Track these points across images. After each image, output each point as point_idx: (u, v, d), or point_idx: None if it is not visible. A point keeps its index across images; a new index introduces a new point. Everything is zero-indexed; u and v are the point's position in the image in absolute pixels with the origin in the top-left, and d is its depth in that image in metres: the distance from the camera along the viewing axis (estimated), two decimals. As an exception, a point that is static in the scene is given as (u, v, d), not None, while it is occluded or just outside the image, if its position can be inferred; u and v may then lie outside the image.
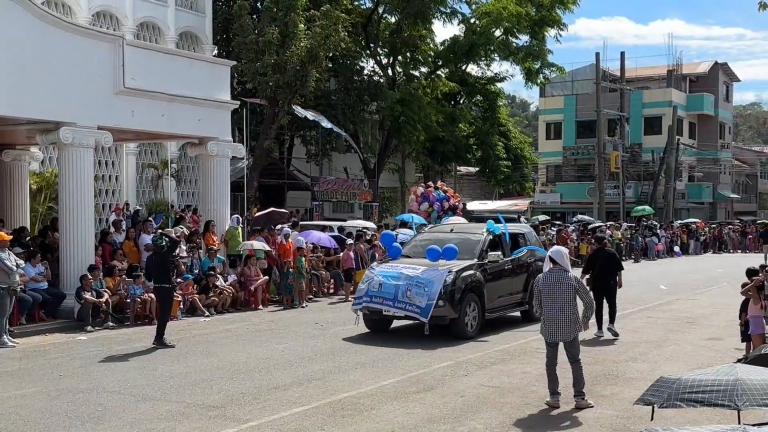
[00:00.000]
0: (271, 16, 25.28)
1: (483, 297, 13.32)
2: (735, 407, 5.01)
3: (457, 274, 12.87)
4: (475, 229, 14.96)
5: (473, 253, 13.73)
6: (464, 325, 12.87)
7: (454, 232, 14.79)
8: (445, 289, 12.59)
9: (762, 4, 10.29)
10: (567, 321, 8.67)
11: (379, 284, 12.91)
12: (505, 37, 39.43)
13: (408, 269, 13.02)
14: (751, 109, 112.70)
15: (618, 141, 48.13)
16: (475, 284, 13.18)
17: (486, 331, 13.44)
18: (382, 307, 12.81)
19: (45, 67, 14.04)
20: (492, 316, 13.78)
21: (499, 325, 14.15)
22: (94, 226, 15.96)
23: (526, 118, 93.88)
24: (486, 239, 14.14)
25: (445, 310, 12.59)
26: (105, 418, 8.14)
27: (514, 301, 14.63)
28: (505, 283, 14.27)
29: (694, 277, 25.80)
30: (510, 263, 14.49)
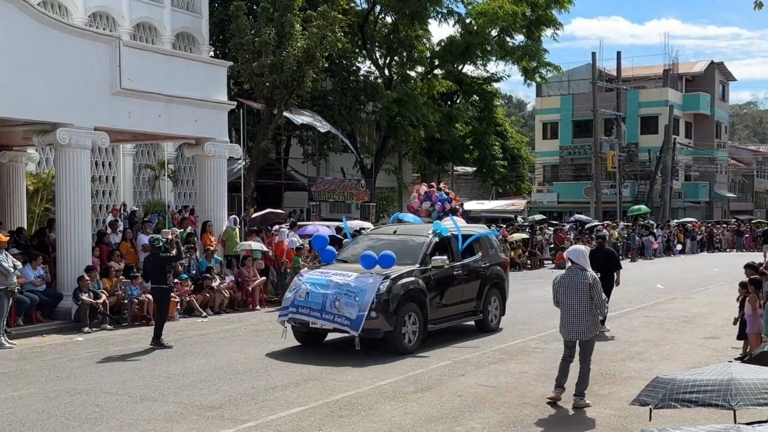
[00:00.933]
0: (268, 16, 25.28)
1: (425, 306, 11.98)
2: (729, 407, 5.02)
3: (393, 281, 11.51)
4: (421, 230, 13.37)
5: (415, 257, 12.35)
6: (401, 338, 11.51)
7: (397, 234, 13.32)
8: (379, 298, 11.25)
9: (758, 3, 10.32)
10: (584, 320, 8.68)
11: (306, 293, 11.65)
12: (501, 36, 39.49)
13: (338, 276, 11.71)
14: (747, 109, 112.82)
15: (614, 140, 48.21)
16: (415, 292, 11.82)
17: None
18: (309, 318, 11.55)
19: (41, 68, 14.03)
20: (437, 328, 12.43)
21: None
22: (91, 227, 15.94)
23: (522, 117, 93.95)
24: (430, 242, 12.70)
25: (379, 322, 11.26)
26: (103, 419, 8.13)
27: (465, 310, 13.28)
28: (454, 290, 12.89)
29: (690, 276, 25.84)
30: (460, 268, 13.10)
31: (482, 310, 13.56)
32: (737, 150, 68.96)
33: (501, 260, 14.63)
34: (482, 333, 13.45)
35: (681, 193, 53.62)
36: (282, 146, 34.18)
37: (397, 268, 11.81)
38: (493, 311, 13.86)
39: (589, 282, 8.70)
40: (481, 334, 13.34)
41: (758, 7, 10.33)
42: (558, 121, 54.67)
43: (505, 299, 14.42)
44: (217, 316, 16.07)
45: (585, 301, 8.66)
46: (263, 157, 27.98)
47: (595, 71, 44.92)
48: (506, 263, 15.27)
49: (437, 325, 12.45)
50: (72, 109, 14.59)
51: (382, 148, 37.87)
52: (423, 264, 12.28)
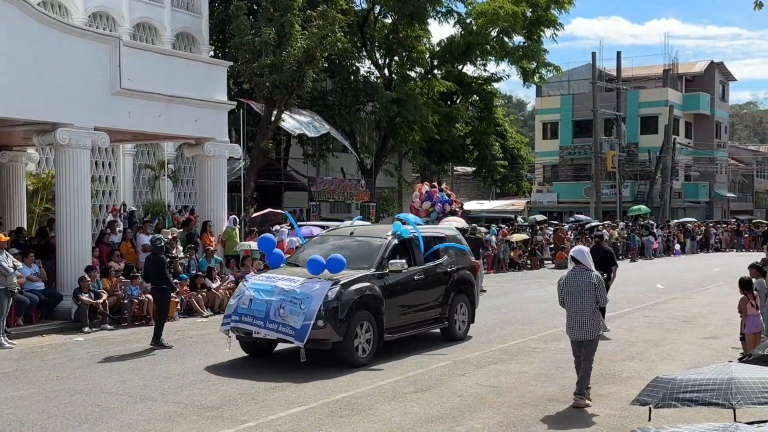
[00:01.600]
0: (268, 16, 25.28)
1: (380, 314, 11.05)
2: (729, 406, 5.03)
3: (344, 287, 10.62)
4: (379, 232, 12.47)
5: (371, 261, 11.47)
6: (352, 349, 10.59)
7: (354, 236, 12.43)
8: (327, 305, 10.34)
9: (758, 3, 10.31)
10: (589, 320, 8.81)
11: (249, 300, 10.75)
12: (500, 37, 39.50)
13: (284, 282, 10.80)
14: (747, 109, 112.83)
15: (614, 140, 48.22)
16: (369, 299, 10.91)
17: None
18: (252, 327, 10.62)
19: (41, 68, 14.03)
20: (394, 337, 11.50)
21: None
22: (91, 227, 15.95)
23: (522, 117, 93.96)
24: (388, 244, 11.79)
25: (326, 332, 10.35)
26: (103, 420, 8.13)
27: (428, 317, 12.35)
28: (415, 296, 12.00)
29: (690, 276, 25.84)
30: (422, 272, 12.16)
31: (447, 318, 12.61)
32: (737, 150, 68.97)
33: (470, 264, 13.66)
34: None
35: (681, 193, 53.63)
36: (282, 146, 34.18)
37: (349, 273, 10.94)
38: (460, 318, 12.96)
39: (594, 282, 8.82)
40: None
41: (758, 7, 10.33)
42: (558, 121, 54.68)
43: (474, 305, 13.55)
44: (218, 316, 16.07)
45: (590, 301, 8.79)
46: (263, 157, 27.98)
47: (595, 71, 44.93)
48: (476, 267, 14.36)
49: (395, 335, 11.52)
50: (72, 109, 14.59)
51: (382, 148, 37.88)
52: (379, 268, 11.37)
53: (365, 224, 15.19)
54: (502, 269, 27.10)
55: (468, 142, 44.02)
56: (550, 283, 22.73)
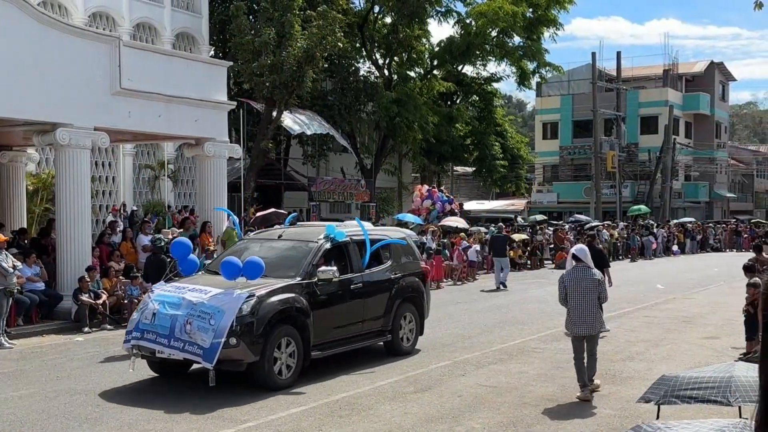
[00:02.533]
0: (268, 16, 25.29)
1: (307, 330, 9.82)
2: (727, 403, 5.07)
3: (261, 299, 9.36)
4: (310, 235, 11.17)
5: (298, 268, 10.22)
6: (270, 370, 9.32)
7: (282, 239, 11.25)
8: (240, 321, 9.08)
9: (758, 3, 10.31)
10: (591, 316, 9.06)
11: (152, 314, 9.46)
12: (500, 37, 39.51)
13: (193, 293, 9.53)
14: (747, 109, 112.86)
15: (614, 140, 48.21)
16: (292, 312, 9.68)
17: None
18: (155, 346, 9.31)
19: (41, 69, 14.03)
20: (325, 354, 10.25)
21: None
22: (91, 227, 15.95)
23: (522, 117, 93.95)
24: (319, 249, 10.55)
25: (240, 351, 9.07)
26: (102, 420, 8.13)
27: (367, 330, 11.10)
28: (351, 307, 10.76)
29: (690, 276, 25.84)
30: (360, 280, 10.91)
31: (391, 330, 11.36)
32: (737, 150, 68.96)
33: (418, 270, 12.34)
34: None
35: (681, 193, 53.62)
36: (282, 146, 34.19)
37: (271, 282, 9.76)
38: (406, 331, 11.72)
39: (597, 279, 9.12)
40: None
41: (758, 7, 10.32)
42: (558, 121, 54.68)
43: (423, 316, 12.22)
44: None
45: (592, 297, 9.05)
46: (263, 157, 27.99)
47: (595, 71, 44.93)
48: (426, 272, 13.09)
49: (326, 351, 10.26)
50: (72, 109, 14.59)
51: (382, 148, 37.89)
52: (307, 276, 10.10)
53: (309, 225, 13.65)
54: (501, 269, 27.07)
55: (468, 142, 44.04)
56: (550, 283, 22.74)
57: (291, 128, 28.80)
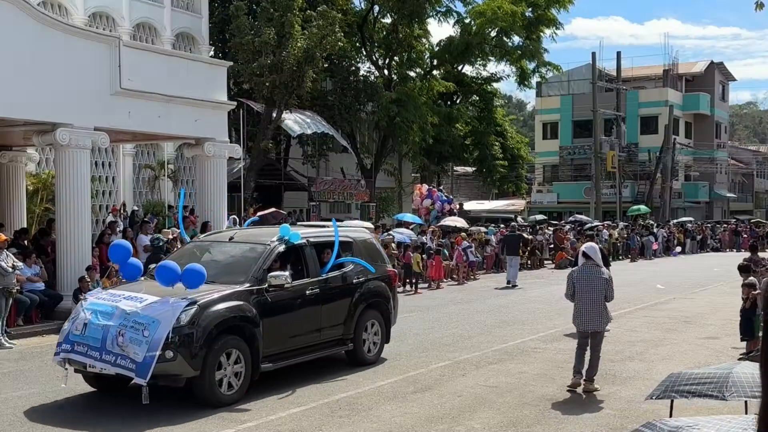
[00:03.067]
0: (268, 16, 25.30)
1: (255, 340, 9.02)
2: (722, 397, 5.15)
3: (202, 308, 8.57)
4: (262, 237, 10.40)
5: (247, 273, 9.46)
6: (213, 385, 8.53)
7: (233, 241, 10.51)
8: (178, 332, 8.30)
9: (759, 4, 10.29)
10: (597, 312, 9.30)
11: (83, 324, 8.65)
12: (500, 37, 39.54)
13: (128, 301, 8.72)
14: (747, 109, 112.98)
15: (614, 141, 48.21)
16: (238, 322, 8.91)
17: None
18: (86, 359, 8.51)
19: (41, 69, 14.03)
20: (277, 366, 9.48)
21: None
22: (91, 227, 15.95)
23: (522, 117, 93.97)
24: (270, 252, 9.78)
25: (177, 365, 8.29)
26: (102, 419, 8.13)
27: (326, 339, 10.32)
28: (307, 314, 9.99)
29: (690, 276, 25.83)
30: (316, 285, 10.14)
31: (353, 338, 10.62)
32: (737, 150, 68.98)
33: (384, 273, 11.54)
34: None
35: (681, 193, 53.64)
36: (282, 146, 34.20)
37: (215, 289, 9.02)
38: (370, 339, 10.99)
39: (605, 278, 9.34)
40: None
41: (759, 7, 10.30)
42: (558, 121, 54.69)
43: (389, 322, 11.45)
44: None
45: (599, 295, 9.28)
46: (263, 157, 28.00)
47: (594, 71, 44.93)
48: (393, 276, 12.08)
49: (278, 363, 9.50)
50: (72, 109, 14.59)
51: (382, 148, 37.90)
52: (257, 281, 9.34)
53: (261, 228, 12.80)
54: (502, 269, 27.10)
55: (468, 142, 44.05)
56: (549, 283, 22.76)
57: (291, 129, 28.81)
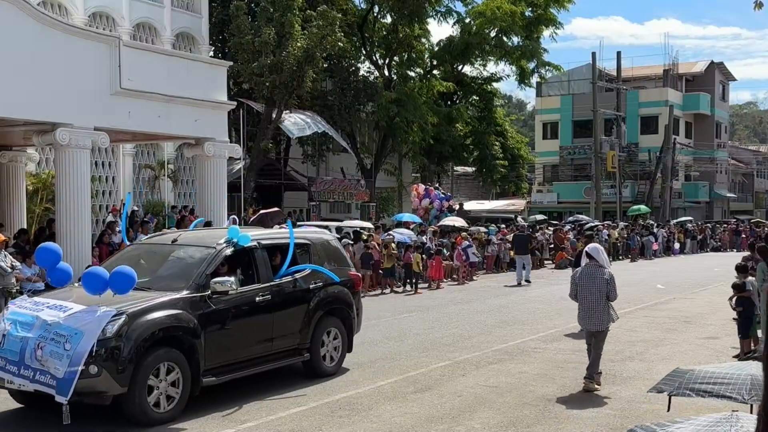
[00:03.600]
0: (268, 16, 25.31)
1: (195, 352, 8.30)
2: (743, 400, 5.08)
3: (132, 317, 7.85)
4: (209, 239, 9.64)
5: (187, 279, 8.71)
6: (144, 403, 7.84)
7: (176, 244, 9.67)
8: (104, 344, 7.61)
9: (758, 3, 10.29)
10: (599, 312, 9.49)
11: (2, 336, 7.96)
12: (499, 37, 39.55)
13: (51, 310, 7.97)
14: (747, 109, 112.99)
15: (614, 140, 48.21)
16: (174, 332, 8.19)
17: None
18: (4, 374, 7.83)
19: (41, 68, 14.03)
20: (220, 380, 8.70)
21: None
22: (90, 227, 15.95)
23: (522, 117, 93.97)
24: (216, 256, 9.05)
25: (102, 381, 7.61)
26: (102, 419, 8.13)
27: (278, 349, 9.56)
28: (257, 323, 9.26)
29: (690, 276, 25.83)
30: (268, 292, 9.37)
31: (309, 348, 9.87)
32: (737, 150, 68.99)
33: (346, 278, 10.75)
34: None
35: (681, 193, 53.64)
36: (282, 146, 34.21)
37: (150, 296, 8.35)
38: (329, 349, 10.26)
39: (606, 279, 9.48)
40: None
41: (758, 7, 10.30)
42: (558, 121, 54.70)
43: (351, 330, 10.71)
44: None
45: (600, 295, 9.46)
46: (263, 157, 28.00)
47: (595, 71, 44.94)
48: (356, 280, 11.24)
49: (223, 377, 8.75)
50: (72, 109, 14.58)
51: (382, 148, 37.91)
52: (199, 288, 8.59)
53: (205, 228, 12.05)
54: (502, 269, 27.12)
55: (468, 142, 44.06)
56: (549, 283, 22.77)
57: (290, 131, 28.81)
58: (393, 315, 16.07)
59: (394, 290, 20.82)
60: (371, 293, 20.11)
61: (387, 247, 20.96)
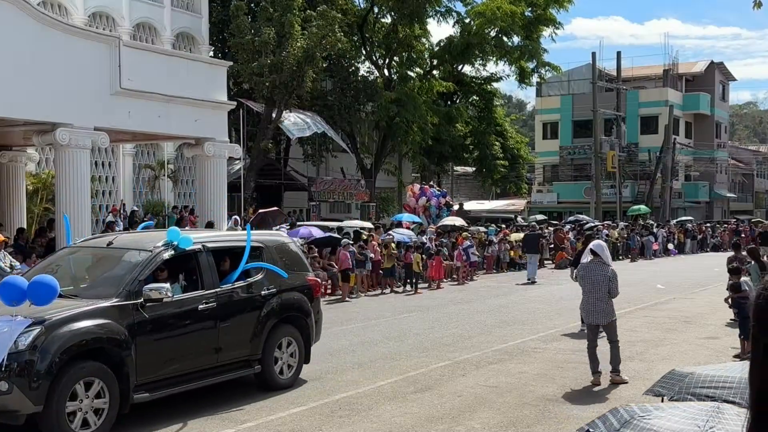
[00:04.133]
0: (268, 16, 25.33)
1: (125, 366, 7.59)
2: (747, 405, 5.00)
3: (49, 329, 7.16)
4: (146, 242, 8.82)
5: (119, 285, 7.95)
6: (63, 422, 7.12)
7: (111, 246, 8.90)
8: (15, 358, 6.99)
9: (757, 3, 10.29)
10: (602, 307, 9.77)
11: None
12: (499, 37, 39.58)
13: None
14: (747, 109, 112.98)
15: (614, 140, 48.23)
16: (100, 344, 7.52)
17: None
18: None
19: (41, 68, 14.03)
20: (154, 396, 7.97)
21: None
22: (91, 227, 15.95)
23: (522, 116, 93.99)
24: (151, 261, 8.29)
25: (14, 399, 6.96)
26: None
27: (226, 360, 8.83)
28: (200, 333, 8.52)
29: (690, 276, 25.82)
30: (213, 299, 8.63)
31: (261, 359, 9.15)
32: (737, 150, 69.00)
33: (303, 283, 10.04)
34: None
35: (681, 193, 53.65)
36: (282, 146, 34.22)
37: (72, 305, 7.61)
38: (285, 359, 9.53)
39: (608, 276, 9.77)
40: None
41: (757, 6, 10.30)
42: (558, 121, 54.71)
43: (309, 340, 9.97)
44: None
45: (603, 290, 9.75)
46: (263, 157, 28.01)
47: (595, 71, 44.94)
48: (315, 286, 10.39)
49: (158, 392, 8.01)
50: (72, 109, 14.59)
51: (382, 148, 37.92)
52: (130, 296, 7.83)
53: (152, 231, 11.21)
54: (502, 269, 27.13)
55: (468, 142, 44.08)
56: (549, 283, 22.78)
57: (290, 131, 28.81)
58: (393, 315, 16.06)
59: (394, 290, 20.82)
60: (371, 293, 20.12)
61: (387, 247, 20.97)
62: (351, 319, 14.00)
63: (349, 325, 13.85)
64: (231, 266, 9.28)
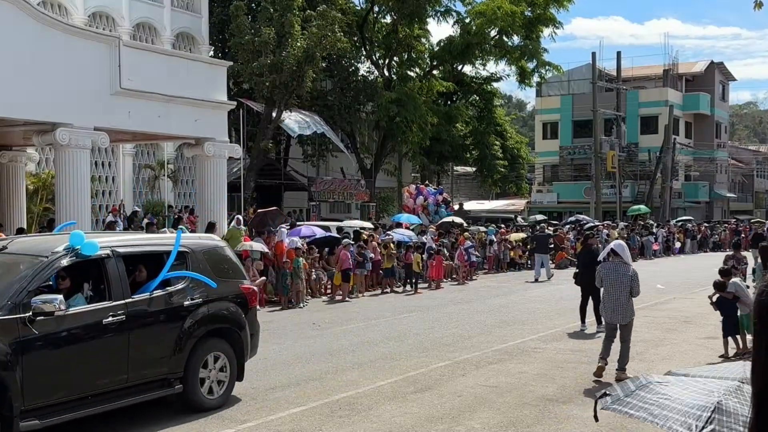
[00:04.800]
0: (268, 16, 25.33)
1: (7, 389, 6.57)
2: None
3: None
4: (43, 247, 7.73)
5: (2, 297, 6.85)
6: None
7: (4, 252, 7.72)
8: None
9: (758, 3, 10.29)
10: (623, 306, 9.96)
11: None
12: (499, 37, 39.60)
13: None
14: (747, 109, 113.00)
15: (614, 140, 48.23)
16: None
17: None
18: None
19: (41, 68, 14.04)
20: (45, 424, 6.83)
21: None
22: (91, 227, 15.95)
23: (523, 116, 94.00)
24: (44, 268, 7.24)
25: None
26: (103, 420, 8.12)
27: (139, 380, 7.81)
28: (105, 349, 7.48)
29: (690, 276, 25.82)
30: (122, 311, 7.57)
31: (183, 378, 8.16)
32: (737, 150, 69.01)
33: (236, 291, 9.00)
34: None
35: (681, 193, 53.66)
36: (282, 146, 34.22)
37: None
38: (212, 377, 8.53)
39: (630, 275, 10.03)
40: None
41: (758, 6, 10.30)
42: (558, 121, 54.72)
43: (243, 355, 8.90)
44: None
45: (624, 290, 9.95)
46: (263, 157, 28.02)
47: (595, 71, 44.94)
48: (249, 294, 9.22)
49: (50, 418, 6.90)
50: (72, 109, 14.60)
51: (382, 148, 37.92)
52: (16, 308, 6.81)
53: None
54: (502, 269, 27.13)
55: (468, 142, 44.08)
56: (549, 283, 22.78)
57: (291, 129, 28.84)
58: (393, 315, 16.06)
59: (394, 290, 20.82)
60: (371, 293, 20.12)
61: (387, 247, 20.97)
62: (351, 319, 13.99)
63: (349, 325, 13.85)
64: (154, 273, 8.22)
